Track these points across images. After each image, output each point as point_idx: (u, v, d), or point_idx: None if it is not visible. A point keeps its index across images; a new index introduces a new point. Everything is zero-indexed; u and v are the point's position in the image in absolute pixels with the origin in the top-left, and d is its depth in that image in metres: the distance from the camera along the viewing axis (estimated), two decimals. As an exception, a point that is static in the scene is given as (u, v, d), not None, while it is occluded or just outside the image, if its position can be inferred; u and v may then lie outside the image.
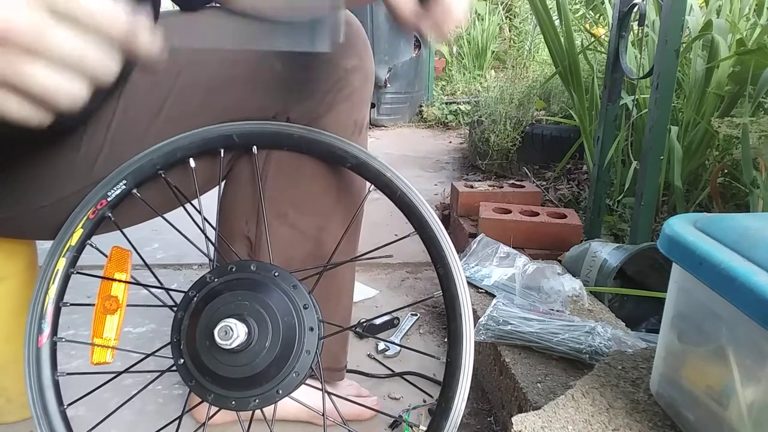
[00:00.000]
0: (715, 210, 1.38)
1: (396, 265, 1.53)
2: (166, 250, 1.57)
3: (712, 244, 0.53)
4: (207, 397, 0.62)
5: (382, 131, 3.34)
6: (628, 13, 1.34)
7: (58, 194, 0.70)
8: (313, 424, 0.90)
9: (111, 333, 0.69)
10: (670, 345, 0.62)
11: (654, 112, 1.17)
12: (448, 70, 4.34)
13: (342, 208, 0.79)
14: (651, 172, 1.21)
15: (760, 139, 1.15)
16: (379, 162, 0.69)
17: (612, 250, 1.18)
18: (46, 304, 0.68)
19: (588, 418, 0.61)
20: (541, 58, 3.62)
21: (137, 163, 0.69)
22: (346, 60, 0.73)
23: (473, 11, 4.43)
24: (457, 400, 0.64)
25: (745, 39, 1.55)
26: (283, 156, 0.74)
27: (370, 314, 1.26)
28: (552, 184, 2.07)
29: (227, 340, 0.57)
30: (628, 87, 1.69)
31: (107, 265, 0.70)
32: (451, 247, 0.66)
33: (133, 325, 1.18)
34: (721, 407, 0.53)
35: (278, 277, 0.64)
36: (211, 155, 0.72)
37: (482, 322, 0.96)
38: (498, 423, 0.92)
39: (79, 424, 0.71)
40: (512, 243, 1.35)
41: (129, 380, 0.82)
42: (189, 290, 0.65)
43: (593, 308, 1.06)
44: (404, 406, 0.96)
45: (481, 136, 2.32)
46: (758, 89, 1.32)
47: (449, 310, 0.66)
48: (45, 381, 0.67)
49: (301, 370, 0.62)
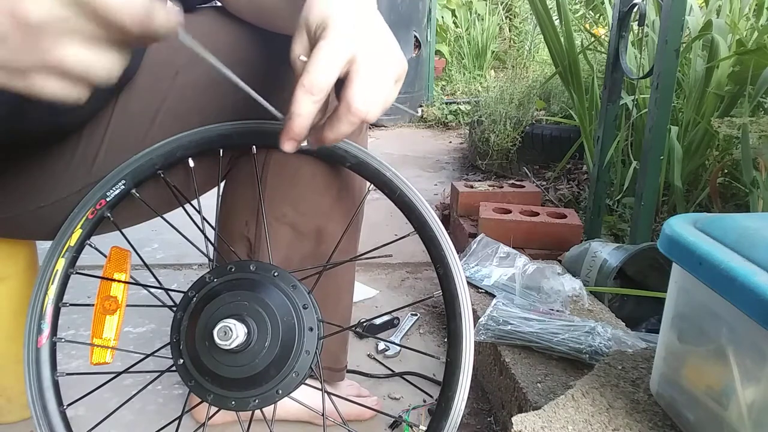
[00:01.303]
0: (715, 210, 1.38)
1: (396, 265, 1.53)
2: (166, 250, 1.57)
3: (712, 244, 0.53)
4: (207, 397, 0.62)
5: (382, 131, 3.34)
6: (628, 13, 1.34)
7: (58, 194, 0.70)
8: (313, 424, 0.90)
9: (110, 333, 0.69)
10: (670, 345, 0.62)
11: (654, 112, 1.17)
12: (448, 70, 4.34)
13: (342, 208, 0.79)
14: (651, 172, 1.21)
15: (760, 139, 1.15)
16: (378, 162, 0.69)
17: (612, 250, 1.18)
18: (46, 305, 0.67)
19: (588, 418, 0.61)
20: (541, 58, 3.63)
21: (136, 163, 0.69)
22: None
23: (473, 11, 4.43)
24: (457, 400, 0.64)
25: (744, 39, 1.55)
26: (282, 156, 0.74)
27: (370, 314, 1.26)
28: (552, 184, 2.07)
29: (227, 341, 0.56)
30: (628, 87, 1.69)
31: (106, 266, 0.70)
32: (451, 247, 0.66)
33: (132, 325, 1.18)
34: (721, 407, 0.53)
35: (278, 277, 0.64)
36: (211, 155, 0.72)
37: (482, 322, 0.96)
38: (498, 423, 0.92)
39: (79, 424, 0.71)
40: (512, 243, 1.35)
41: (129, 380, 0.82)
42: (188, 290, 0.65)
43: (593, 308, 1.06)
44: (404, 406, 0.96)
45: (481, 136, 2.32)
46: (758, 89, 1.32)
47: (449, 309, 0.66)
48: (45, 381, 0.67)
49: (300, 371, 0.62)
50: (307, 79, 0.48)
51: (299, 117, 0.49)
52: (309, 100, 0.49)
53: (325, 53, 0.48)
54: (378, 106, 0.51)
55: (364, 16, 0.51)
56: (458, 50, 4.41)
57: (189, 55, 0.69)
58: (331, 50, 0.48)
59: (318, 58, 0.48)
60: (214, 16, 0.71)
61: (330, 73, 0.48)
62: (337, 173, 0.76)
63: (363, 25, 0.50)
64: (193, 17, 0.71)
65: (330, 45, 0.48)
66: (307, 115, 0.49)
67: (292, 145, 0.52)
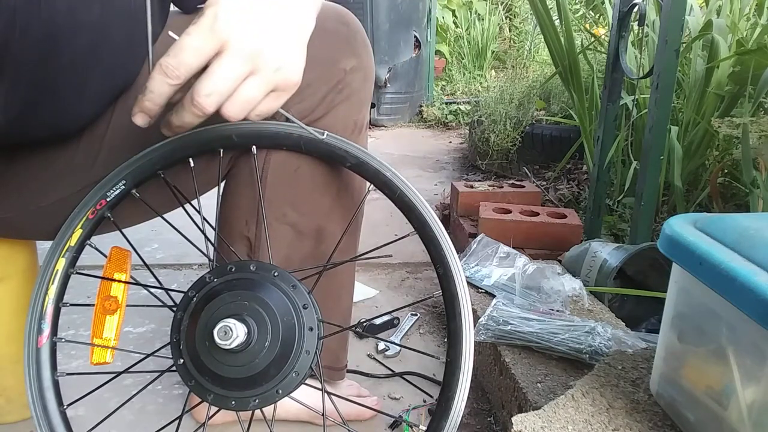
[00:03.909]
0: (715, 210, 1.38)
1: (396, 265, 1.53)
2: (166, 250, 1.57)
3: (712, 244, 0.53)
4: (207, 397, 0.62)
5: (382, 131, 3.34)
6: (628, 13, 1.34)
7: (58, 194, 0.70)
8: (313, 424, 0.90)
9: (111, 333, 0.69)
10: (670, 345, 0.62)
11: (654, 112, 1.17)
12: (448, 70, 4.34)
13: (341, 208, 0.79)
14: (651, 172, 1.21)
15: (760, 139, 1.15)
16: (378, 162, 0.69)
17: (612, 250, 1.18)
18: (46, 305, 0.67)
19: (588, 418, 0.61)
20: (541, 58, 3.63)
21: (136, 163, 0.69)
22: (345, 60, 0.73)
23: (473, 11, 4.43)
24: (457, 400, 0.64)
25: (745, 39, 1.55)
26: (282, 156, 0.74)
27: (370, 314, 1.26)
28: (552, 184, 2.07)
29: (227, 340, 0.56)
30: (628, 87, 1.69)
31: (107, 266, 0.70)
32: (450, 247, 0.66)
33: (133, 325, 1.18)
34: (721, 407, 0.53)
35: (278, 277, 0.64)
36: (211, 155, 0.72)
37: (482, 322, 0.96)
38: (498, 423, 0.92)
39: (79, 424, 0.71)
40: (512, 243, 1.35)
41: (129, 380, 0.82)
42: (188, 290, 0.65)
43: (593, 308, 1.06)
44: (404, 406, 0.96)
45: (481, 136, 2.32)
46: (758, 89, 1.31)
47: (449, 309, 0.66)
48: (45, 381, 0.67)
49: (300, 370, 0.62)
50: (165, 60, 0.47)
51: (150, 93, 0.49)
52: (162, 81, 0.48)
53: (191, 39, 0.47)
54: (236, 107, 0.49)
55: (261, 9, 0.49)
56: (458, 50, 4.41)
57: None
58: (197, 36, 0.47)
59: (181, 42, 0.47)
60: None
61: (187, 59, 0.47)
62: (337, 173, 0.76)
63: (251, 20, 0.48)
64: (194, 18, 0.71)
65: (198, 30, 0.47)
66: (158, 94, 0.49)
67: (143, 119, 0.52)
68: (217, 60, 0.48)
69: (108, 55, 0.61)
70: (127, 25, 0.62)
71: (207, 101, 0.48)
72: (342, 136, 0.71)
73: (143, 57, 0.68)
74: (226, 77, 0.48)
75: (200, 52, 0.47)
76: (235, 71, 0.48)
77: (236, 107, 0.50)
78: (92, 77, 0.62)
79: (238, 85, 0.49)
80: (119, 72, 0.66)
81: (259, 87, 0.50)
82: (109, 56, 0.62)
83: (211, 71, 0.48)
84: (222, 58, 0.47)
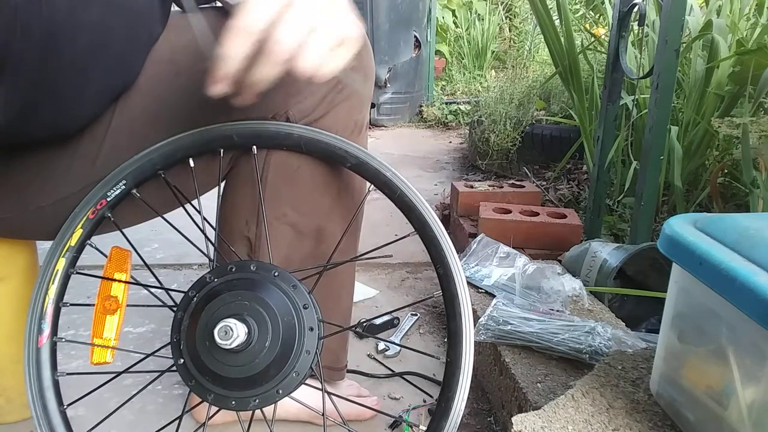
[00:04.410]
0: (715, 210, 1.38)
1: (396, 265, 1.53)
2: (166, 250, 1.57)
3: (712, 244, 0.53)
4: (207, 397, 0.62)
5: (382, 131, 3.34)
6: (628, 13, 1.34)
7: (58, 194, 0.70)
8: (313, 424, 0.90)
9: (111, 333, 0.69)
10: (670, 345, 0.62)
11: (654, 112, 1.17)
12: (448, 70, 4.34)
13: (342, 208, 0.79)
14: (651, 172, 1.21)
15: (760, 139, 1.15)
16: (378, 162, 0.69)
17: (612, 250, 1.18)
18: (46, 305, 0.68)
19: (588, 418, 0.61)
20: (541, 58, 3.63)
21: (137, 163, 0.69)
22: (345, 60, 0.73)
23: (473, 11, 4.43)
24: (457, 400, 0.64)
25: (745, 39, 1.55)
26: (282, 156, 0.74)
27: (370, 314, 1.26)
28: (552, 184, 2.07)
29: (227, 340, 0.57)
30: (628, 87, 1.69)
31: (107, 265, 0.70)
32: (450, 247, 0.66)
33: (133, 325, 1.18)
34: (721, 407, 0.53)
35: (278, 277, 0.64)
36: (211, 155, 0.72)
37: (482, 322, 0.96)
38: (498, 423, 0.92)
39: (79, 424, 0.71)
40: (512, 243, 1.35)
41: (129, 380, 0.82)
42: (189, 290, 0.65)
43: (593, 308, 1.06)
44: (404, 406, 0.96)
45: (481, 136, 2.32)
46: (758, 89, 1.31)
47: (449, 309, 0.66)
48: (45, 381, 0.67)
49: (301, 370, 0.62)
50: (240, 20, 0.48)
51: (225, 59, 0.49)
52: (239, 43, 0.48)
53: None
54: (312, 55, 0.50)
55: None
56: (458, 50, 4.41)
57: (190, 56, 0.69)
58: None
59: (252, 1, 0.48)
60: (215, 17, 0.71)
61: (262, 12, 0.48)
62: (337, 173, 0.76)
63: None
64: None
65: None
66: (234, 56, 0.49)
67: (222, 87, 0.52)
68: (288, 10, 0.49)
69: (108, 55, 0.62)
70: (128, 25, 0.62)
71: (285, 48, 0.49)
72: (342, 135, 0.71)
73: (143, 57, 0.68)
74: (300, 25, 0.50)
75: (269, 6, 0.49)
76: (306, 20, 0.50)
77: (313, 56, 0.51)
78: (92, 77, 0.62)
79: (310, 36, 0.51)
80: (119, 72, 0.66)
81: (328, 38, 0.52)
82: (110, 56, 0.62)
83: (285, 20, 0.49)
84: (292, 8, 0.49)
